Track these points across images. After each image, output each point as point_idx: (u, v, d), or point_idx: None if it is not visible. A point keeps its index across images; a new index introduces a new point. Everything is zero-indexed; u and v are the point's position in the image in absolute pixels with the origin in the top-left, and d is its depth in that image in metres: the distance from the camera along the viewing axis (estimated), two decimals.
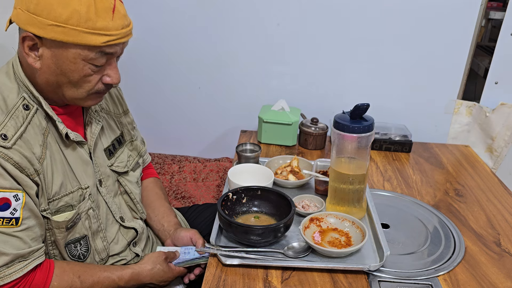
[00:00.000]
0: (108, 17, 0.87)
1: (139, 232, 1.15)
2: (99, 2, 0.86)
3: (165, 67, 1.86)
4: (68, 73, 0.89)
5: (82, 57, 0.88)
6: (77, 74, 0.90)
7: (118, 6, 0.89)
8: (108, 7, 0.87)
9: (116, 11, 0.89)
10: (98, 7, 0.85)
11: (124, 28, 0.91)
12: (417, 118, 1.79)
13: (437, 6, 1.61)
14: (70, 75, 0.90)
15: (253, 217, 1.16)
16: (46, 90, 0.93)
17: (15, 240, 0.87)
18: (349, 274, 1.00)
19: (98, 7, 0.85)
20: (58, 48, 0.87)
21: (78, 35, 0.85)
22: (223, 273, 0.99)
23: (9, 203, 0.85)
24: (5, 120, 0.87)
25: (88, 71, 0.90)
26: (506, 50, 1.64)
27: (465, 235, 1.19)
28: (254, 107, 1.82)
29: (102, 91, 0.96)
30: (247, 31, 1.74)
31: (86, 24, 0.84)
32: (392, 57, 1.71)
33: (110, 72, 0.94)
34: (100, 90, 0.96)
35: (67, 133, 0.96)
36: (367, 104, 1.07)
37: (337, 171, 1.15)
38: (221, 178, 1.88)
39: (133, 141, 1.22)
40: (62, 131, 0.95)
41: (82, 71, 0.90)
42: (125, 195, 1.15)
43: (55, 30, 0.84)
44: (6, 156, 0.84)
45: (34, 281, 0.90)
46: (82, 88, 0.93)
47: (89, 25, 0.85)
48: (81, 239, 1.01)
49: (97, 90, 0.95)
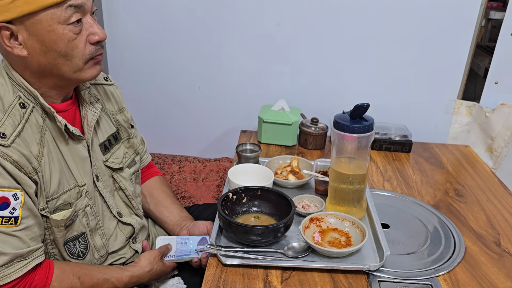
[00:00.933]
0: None
1: (136, 228, 1.15)
2: None
3: (165, 67, 1.86)
4: (53, 45, 0.88)
5: (55, 20, 0.86)
6: (62, 42, 0.88)
7: None
8: None
9: None
10: None
11: None
12: (417, 118, 1.78)
13: (437, 6, 1.61)
14: (56, 47, 0.88)
15: (253, 217, 1.16)
16: (43, 81, 0.93)
17: (14, 240, 0.86)
18: (349, 274, 1.00)
19: None
20: (32, 24, 0.86)
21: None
22: (223, 273, 0.99)
23: (8, 202, 0.85)
24: (3, 119, 0.87)
25: (70, 35, 0.89)
26: (506, 50, 1.64)
27: (465, 235, 1.19)
28: (254, 107, 1.82)
29: (96, 54, 0.95)
30: (247, 31, 1.74)
31: None
32: (392, 57, 1.71)
33: (92, 30, 0.92)
34: (93, 54, 0.94)
35: (66, 125, 0.96)
36: (367, 104, 1.07)
37: (337, 171, 1.15)
38: (221, 178, 1.88)
39: (130, 138, 1.22)
40: (61, 122, 0.95)
41: (64, 37, 0.88)
42: (120, 192, 1.15)
43: (16, 4, 0.83)
44: (5, 154, 0.84)
45: (34, 281, 0.90)
46: (75, 57, 0.91)
47: None
48: (80, 236, 1.01)
49: (90, 54, 0.93)
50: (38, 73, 0.92)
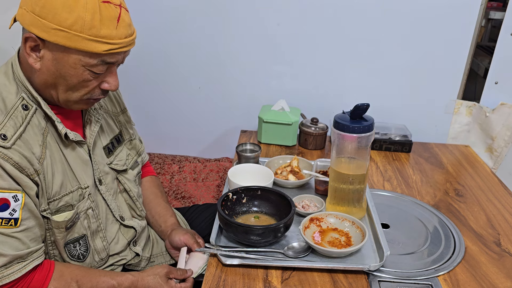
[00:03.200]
0: (112, 26, 0.87)
1: (138, 231, 1.15)
2: (104, 10, 0.86)
3: (165, 67, 1.86)
4: (67, 77, 0.89)
5: (82, 63, 0.88)
6: (76, 79, 0.90)
7: (123, 15, 0.89)
8: (113, 16, 0.87)
9: (121, 20, 0.89)
10: (103, 15, 0.86)
11: (127, 37, 0.91)
12: (417, 118, 1.78)
13: (437, 6, 1.61)
14: (68, 79, 0.90)
15: (253, 217, 1.16)
16: (42, 90, 0.93)
17: (13, 241, 0.86)
18: (349, 274, 1.00)
19: (103, 15, 0.86)
20: (60, 52, 0.87)
21: (81, 41, 0.85)
22: (223, 273, 0.99)
23: (8, 203, 0.85)
24: (5, 121, 0.87)
25: (87, 77, 0.91)
26: (506, 50, 1.64)
27: (465, 235, 1.19)
28: (254, 107, 1.82)
29: (97, 97, 0.96)
30: (247, 31, 1.74)
31: (90, 31, 0.85)
32: (392, 57, 1.71)
33: (109, 79, 0.95)
34: (95, 96, 0.96)
35: (66, 133, 0.96)
36: (367, 104, 1.07)
37: (337, 171, 1.15)
38: (221, 178, 1.88)
39: (132, 140, 1.22)
40: (62, 131, 0.95)
41: (81, 76, 0.90)
42: (124, 193, 1.15)
43: (58, 34, 0.84)
44: (5, 156, 0.84)
45: (32, 282, 0.90)
46: (79, 92, 0.93)
47: (93, 32, 0.85)
48: (80, 238, 1.01)
49: (92, 95, 0.95)
50: (40, 84, 0.93)
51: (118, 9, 0.89)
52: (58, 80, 0.90)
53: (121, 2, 0.91)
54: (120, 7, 0.89)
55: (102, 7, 0.86)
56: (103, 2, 0.86)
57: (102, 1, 0.86)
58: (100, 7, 0.85)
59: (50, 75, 0.90)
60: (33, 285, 0.90)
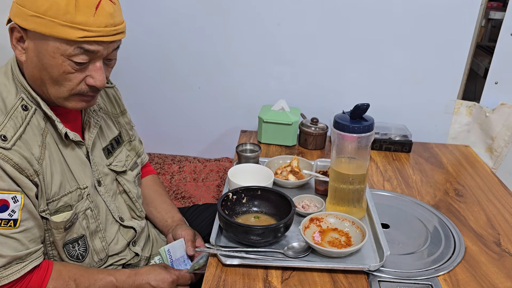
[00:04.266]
0: (89, 13, 0.85)
1: (137, 232, 1.15)
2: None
3: (165, 67, 1.86)
4: (48, 68, 0.88)
5: (60, 51, 0.86)
6: (56, 70, 0.88)
7: (104, 4, 0.87)
8: (92, 3, 0.85)
9: (101, 7, 0.86)
10: (79, 1, 0.84)
11: (108, 26, 0.88)
12: (417, 118, 1.78)
13: (437, 6, 1.61)
14: (50, 70, 0.88)
15: (253, 217, 1.16)
16: (35, 87, 0.93)
17: (12, 242, 0.87)
18: (349, 274, 1.00)
19: (80, 2, 0.84)
20: (39, 40, 0.86)
21: (55, 27, 0.84)
22: (223, 273, 0.99)
23: (7, 204, 0.85)
24: (4, 121, 0.87)
25: (67, 68, 0.88)
26: (506, 50, 1.64)
27: (465, 235, 1.19)
28: (254, 107, 1.82)
29: (85, 93, 0.93)
30: (247, 31, 1.74)
31: (64, 17, 0.83)
32: (392, 57, 1.71)
33: (93, 73, 0.92)
34: (83, 92, 0.93)
35: (67, 132, 0.96)
36: (367, 104, 1.07)
37: (337, 171, 1.15)
38: (221, 178, 1.88)
39: (132, 141, 1.22)
40: (62, 131, 0.95)
41: (61, 67, 0.88)
42: (124, 194, 1.15)
43: (35, 21, 0.84)
44: (5, 157, 0.84)
45: (30, 283, 0.90)
46: (64, 86, 0.91)
47: (67, 18, 0.83)
48: (79, 239, 1.01)
49: (80, 91, 0.92)
50: (29, 79, 0.92)
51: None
52: (42, 72, 0.89)
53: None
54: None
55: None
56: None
57: None
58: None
59: (34, 67, 0.89)
60: (31, 285, 0.90)
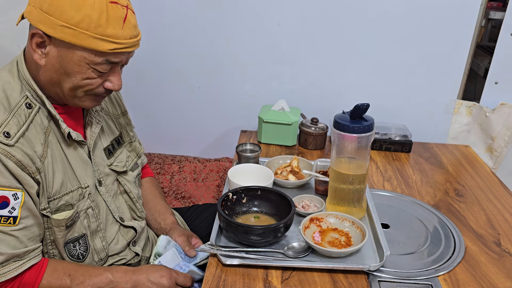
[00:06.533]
0: (118, 26, 0.88)
1: (138, 232, 1.15)
2: (111, 10, 0.87)
3: (165, 67, 1.86)
4: (71, 74, 0.91)
5: (87, 61, 0.89)
6: (80, 76, 0.91)
7: (129, 16, 0.91)
8: (120, 16, 0.89)
9: (127, 20, 0.90)
10: (110, 14, 0.87)
11: (132, 38, 0.92)
12: (417, 118, 1.78)
13: (437, 6, 1.61)
14: (72, 76, 0.91)
15: (253, 217, 1.16)
16: (47, 88, 0.94)
17: (11, 239, 0.87)
18: (349, 274, 1.00)
19: (110, 15, 0.87)
20: (66, 48, 0.88)
21: (87, 39, 0.86)
22: (223, 273, 0.99)
23: (7, 201, 0.85)
24: (8, 118, 0.88)
25: (91, 74, 0.92)
26: (506, 50, 1.64)
27: (465, 235, 1.19)
28: (254, 107, 1.82)
29: (101, 94, 0.97)
30: (248, 31, 1.74)
31: (96, 29, 0.86)
32: (392, 57, 1.71)
33: (112, 78, 0.96)
34: (99, 93, 0.97)
35: (69, 132, 0.97)
36: (367, 104, 1.07)
37: (337, 171, 1.15)
38: (221, 178, 1.88)
39: (132, 142, 1.23)
40: (65, 130, 0.96)
41: (85, 74, 0.91)
42: (124, 195, 1.15)
43: (65, 31, 0.85)
44: (8, 154, 0.85)
45: (24, 279, 0.90)
46: (82, 88, 0.94)
47: (99, 31, 0.86)
48: (80, 238, 1.01)
49: (97, 93, 0.96)
50: (45, 81, 0.94)
51: (125, 10, 0.90)
52: (62, 77, 0.91)
53: (128, 3, 0.92)
54: (127, 8, 0.91)
55: (109, 7, 0.87)
56: (110, 3, 0.88)
57: (110, 1, 0.87)
58: (107, 7, 0.87)
59: (54, 72, 0.91)
60: (25, 281, 0.90)
